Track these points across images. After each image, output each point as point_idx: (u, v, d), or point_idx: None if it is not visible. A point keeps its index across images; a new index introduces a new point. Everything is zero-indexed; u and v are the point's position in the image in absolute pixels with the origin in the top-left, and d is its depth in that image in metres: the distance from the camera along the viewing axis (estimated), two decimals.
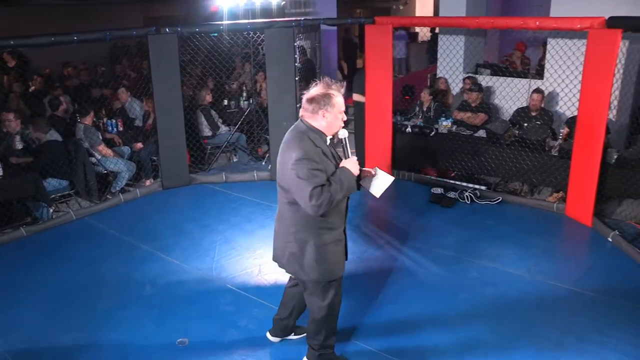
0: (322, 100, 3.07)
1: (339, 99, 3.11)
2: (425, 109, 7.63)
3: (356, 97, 7.56)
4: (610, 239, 5.44)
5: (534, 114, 6.85)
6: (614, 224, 5.67)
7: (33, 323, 4.29)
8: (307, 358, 3.65)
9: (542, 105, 6.88)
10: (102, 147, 6.79)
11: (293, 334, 3.94)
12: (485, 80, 8.04)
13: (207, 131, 7.87)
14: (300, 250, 3.23)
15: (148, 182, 7.18)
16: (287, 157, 3.06)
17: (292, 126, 3.19)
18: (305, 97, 3.11)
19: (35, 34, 6.01)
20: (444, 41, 8.16)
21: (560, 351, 3.83)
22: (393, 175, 3.39)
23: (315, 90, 3.11)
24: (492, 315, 4.27)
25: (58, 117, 7.17)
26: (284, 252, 3.31)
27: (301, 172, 2.99)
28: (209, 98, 7.94)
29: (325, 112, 3.09)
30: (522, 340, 3.95)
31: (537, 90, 6.86)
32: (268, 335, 3.95)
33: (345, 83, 3.29)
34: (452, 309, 4.37)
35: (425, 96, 7.65)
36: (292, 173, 3.01)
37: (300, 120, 3.17)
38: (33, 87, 9.08)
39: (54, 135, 6.43)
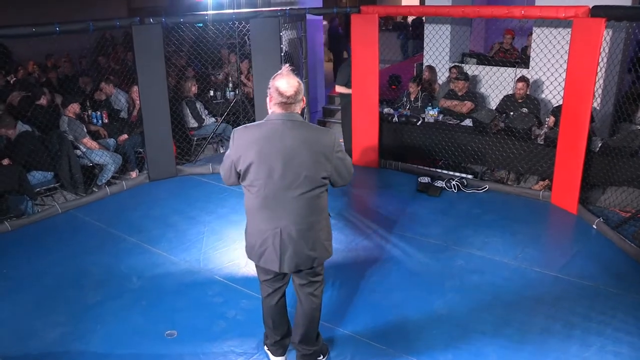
0: (303, 88, 3.09)
1: None
2: (412, 99, 7.64)
3: (340, 89, 7.55)
4: (594, 226, 5.50)
5: (520, 101, 6.90)
6: (599, 211, 5.74)
7: (19, 318, 4.26)
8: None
9: (528, 93, 6.93)
10: (87, 140, 6.73)
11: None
12: (471, 69, 8.06)
13: (192, 122, 7.82)
14: (328, 231, 3.30)
15: (134, 174, 7.13)
16: (320, 147, 3.04)
17: (280, 121, 3.04)
18: (291, 92, 3.00)
19: (15, 24, 5.92)
20: (429, 30, 8.17)
21: (545, 337, 3.88)
22: (380, 165, 3.47)
23: (292, 82, 3.03)
24: (478, 302, 4.31)
25: (41, 109, 7.07)
26: (315, 246, 3.19)
27: (343, 151, 3.16)
28: (194, 90, 7.89)
29: (304, 97, 3.14)
30: (508, 327, 4.00)
31: (522, 79, 6.91)
32: None
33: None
34: (438, 297, 4.41)
35: (413, 87, 7.66)
36: (337, 155, 3.10)
37: (286, 113, 3.05)
38: (14, 79, 8.95)
39: (24, 127, 6.34)
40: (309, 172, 3.03)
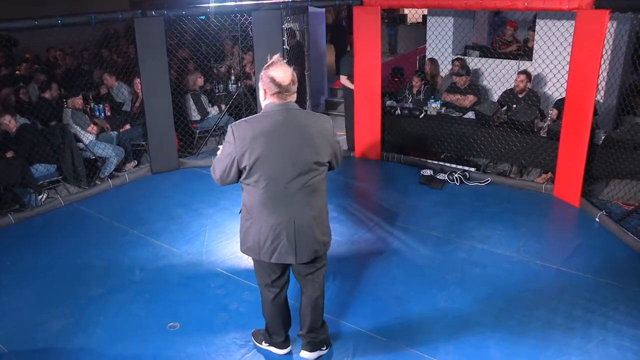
0: (296, 79, 3.09)
1: None
2: (415, 92, 7.62)
3: (345, 81, 7.53)
4: (597, 219, 5.49)
5: (520, 95, 6.87)
6: (601, 204, 5.72)
7: (22, 310, 4.29)
8: (322, 351, 3.66)
9: (529, 86, 6.89)
10: (92, 128, 6.74)
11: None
12: (474, 61, 8.03)
13: (195, 115, 7.82)
14: (327, 216, 3.32)
15: (130, 166, 7.11)
16: (323, 131, 3.10)
17: (282, 110, 3.02)
18: (287, 81, 2.99)
19: (18, 17, 5.91)
20: (432, 22, 8.13)
21: (547, 329, 3.88)
22: (382, 158, 3.50)
23: (288, 71, 3.03)
24: (480, 295, 4.32)
25: (45, 101, 7.07)
26: (325, 230, 3.26)
27: (335, 136, 3.22)
28: (200, 82, 7.90)
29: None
30: (510, 320, 4.00)
31: (522, 72, 6.85)
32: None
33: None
34: (440, 289, 4.41)
35: (416, 80, 7.62)
36: (335, 139, 3.20)
37: (287, 103, 3.05)
38: (18, 73, 8.95)
39: (21, 120, 6.35)
40: (318, 157, 3.07)
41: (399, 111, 7.29)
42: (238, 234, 5.29)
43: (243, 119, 3.07)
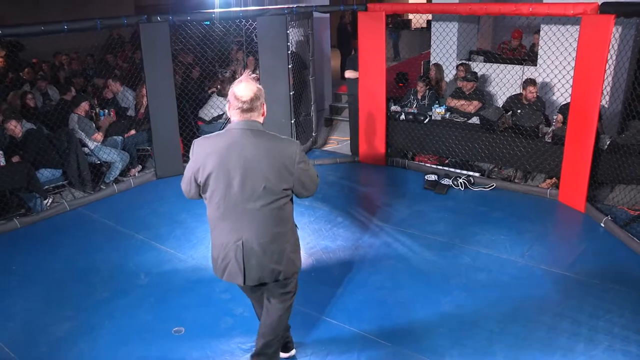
0: (262, 95, 3.01)
1: None
2: (419, 97, 7.62)
3: (349, 74, 7.53)
4: (602, 224, 5.48)
5: (526, 102, 6.85)
6: (607, 209, 5.71)
7: (28, 313, 4.30)
8: None
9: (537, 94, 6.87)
10: (97, 135, 6.77)
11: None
12: (478, 67, 8.03)
13: (207, 115, 7.82)
14: (295, 243, 3.17)
15: (134, 170, 7.13)
16: (281, 157, 2.92)
17: (240, 130, 2.93)
18: (247, 97, 2.90)
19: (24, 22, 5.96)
20: (437, 28, 8.14)
21: (551, 335, 3.87)
22: (387, 163, 3.39)
23: (250, 87, 2.95)
24: (484, 300, 4.31)
25: (65, 103, 7.12)
26: (280, 259, 3.06)
27: (307, 161, 3.03)
28: None
29: (264, 104, 3.05)
30: (515, 325, 3.99)
31: (532, 82, 6.74)
32: None
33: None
34: (445, 294, 4.40)
35: (421, 86, 7.62)
36: (299, 167, 2.96)
37: (246, 121, 2.95)
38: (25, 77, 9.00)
39: (27, 125, 6.40)
40: (268, 184, 2.91)
41: (403, 116, 7.30)
42: None
43: (207, 135, 3.05)
